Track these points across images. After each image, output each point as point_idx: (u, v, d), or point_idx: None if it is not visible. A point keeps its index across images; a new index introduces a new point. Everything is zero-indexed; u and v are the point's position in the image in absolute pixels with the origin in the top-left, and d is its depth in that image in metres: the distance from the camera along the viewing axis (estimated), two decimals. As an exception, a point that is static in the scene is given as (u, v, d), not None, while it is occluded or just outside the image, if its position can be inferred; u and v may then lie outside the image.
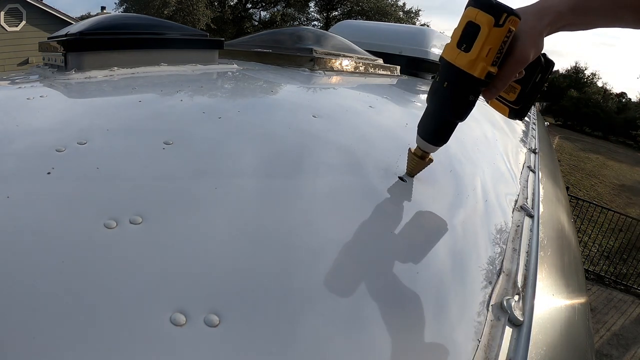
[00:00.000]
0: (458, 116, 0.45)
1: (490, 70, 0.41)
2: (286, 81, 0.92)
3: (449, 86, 0.43)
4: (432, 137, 0.47)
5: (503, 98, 0.51)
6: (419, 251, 0.38)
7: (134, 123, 0.48)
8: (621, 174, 12.05)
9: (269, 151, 0.46)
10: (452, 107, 0.44)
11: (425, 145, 0.47)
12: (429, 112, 0.46)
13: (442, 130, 0.46)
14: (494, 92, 0.43)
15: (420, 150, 0.48)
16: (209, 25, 14.48)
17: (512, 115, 0.51)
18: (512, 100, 0.50)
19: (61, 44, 0.71)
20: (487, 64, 0.40)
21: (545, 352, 0.35)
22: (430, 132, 0.47)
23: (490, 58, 0.40)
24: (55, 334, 0.22)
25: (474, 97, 0.43)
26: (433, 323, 0.31)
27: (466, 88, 0.42)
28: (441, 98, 0.44)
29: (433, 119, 0.46)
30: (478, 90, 0.42)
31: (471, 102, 0.43)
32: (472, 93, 0.42)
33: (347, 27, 2.20)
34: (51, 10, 7.76)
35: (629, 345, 3.85)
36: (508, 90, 0.49)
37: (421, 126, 0.47)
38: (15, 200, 0.31)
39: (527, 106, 0.50)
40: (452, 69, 0.42)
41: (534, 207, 0.61)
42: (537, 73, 0.48)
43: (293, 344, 0.25)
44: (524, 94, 0.49)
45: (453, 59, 0.41)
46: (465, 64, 0.40)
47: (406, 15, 18.21)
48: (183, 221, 0.32)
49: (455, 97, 0.43)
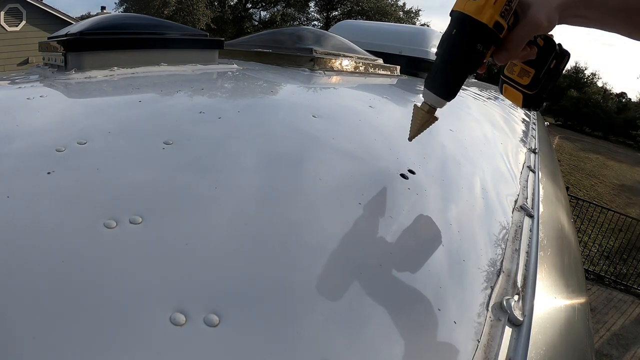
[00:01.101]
0: (466, 65, 0.44)
1: (498, 20, 0.41)
2: (286, 81, 0.92)
3: (457, 33, 0.42)
4: (440, 89, 0.45)
5: (516, 83, 0.50)
6: (419, 251, 0.38)
7: (134, 123, 0.48)
8: (621, 174, 12.05)
9: (269, 151, 0.46)
10: (460, 55, 0.43)
11: (433, 98, 0.46)
12: (438, 62, 0.45)
13: (450, 81, 0.45)
14: (505, 54, 0.43)
15: (427, 105, 0.47)
16: (209, 25, 14.48)
17: (526, 102, 0.51)
18: (526, 84, 0.49)
19: (61, 44, 0.71)
20: (496, 12, 0.40)
21: (545, 352, 0.35)
22: (438, 83, 0.45)
23: (498, 7, 0.40)
24: (55, 333, 0.22)
25: (483, 48, 0.42)
26: (433, 323, 0.31)
27: (474, 35, 0.41)
28: (449, 46, 0.43)
29: (441, 69, 0.45)
30: (487, 40, 0.42)
31: (480, 53, 0.42)
32: (480, 41, 0.42)
33: (347, 27, 2.20)
34: (51, 10, 7.76)
35: (629, 345, 3.85)
36: (522, 74, 0.49)
37: (429, 79, 0.46)
38: (15, 200, 0.31)
39: (542, 94, 0.50)
40: (460, 16, 0.42)
41: (534, 207, 0.61)
42: (552, 59, 0.47)
43: (293, 344, 0.25)
44: (537, 78, 0.48)
45: (462, 7, 0.41)
46: (473, 10, 0.40)
47: (406, 15, 18.22)
48: (183, 221, 0.32)
49: (464, 43, 0.42)
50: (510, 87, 0.52)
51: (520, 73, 0.50)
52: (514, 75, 0.50)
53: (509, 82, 0.52)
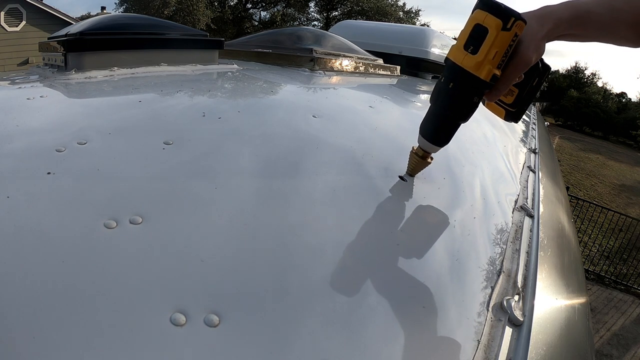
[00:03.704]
0: (461, 117, 0.45)
1: (495, 73, 0.41)
2: (286, 81, 0.92)
3: (454, 87, 0.43)
4: (435, 137, 0.47)
5: (501, 101, 0.51)
6: (420, 251, 0.38)
7: (134, 123, 0.48)
8: (621, 174, 12.05)
9: (269, 151, 0.46)
10: (456, 108, 0.44)
11: (427, 145, 0.48)
12: (432, 112, 0.47)
13: (444, 130, 0.46)
14: (495, 94, 0.44)
15: (422, 150, 0.48)
16: (209, 25, 14.48)
17: (508, 117, 0.52)
18: (510, 103, 0.51)
19: (61, 44, 0.71)
20: (493, 66, 0.41)
21: (545, 352, 0.35)
22: (433, 132, 0.47)
23: (496, 61, 0.41)
24: (55, 333, 0.22)
25: (478, 99, 0.44)
26: (433, 323, 0.31)
27: (471, 90, 0.42)
28: (445, 98, 0.44)
29: (436, 119, 0.46)
30: (482, 92, 0.43)
31: (475, 104, 0.44)
32: (476, 95, 0.43)
33: (347, 27, 2.20)
34: (51, 10, 7.76)
35: (629, 345, 3.85)
36: (506, 94, 0.50)
37: (423, 126, 0.48)
38: (16, 200, 0.31)
39: (523, 109, 0.51)
40: (458, 70, 0.42)
41: (534, 207, 0.61)
42: (535, 77, 0.48)
43: (293, 344, 0.25)
44: (521, 97, 0.50)
45: (460, 61, 0.42)
46: (472, 66, 0.41)
47: (406, 15, 18.22)
48: (183, 221, 0.32)
49: (460, 98, 0.43)
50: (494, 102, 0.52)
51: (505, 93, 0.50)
52: None
53: None
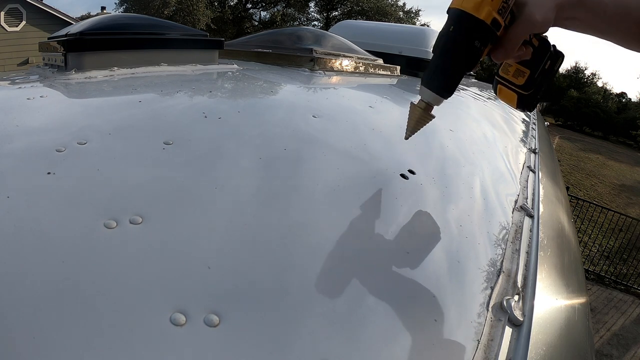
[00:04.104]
0: (464, 62, 0.43)
1: (496, 17, 0.40)
2: (286, 81, 0.92)
3: (454, 30, 0.42)
4: (438, 86, 0.45)
5: (511, 83, 0.50)
6: (419, 251, 0.38)
7: (134, 123, 0.48)
8: (621, 174, 12.05)
9: (269, 151, 0.46)
10: (457, 51, 0.43)
11: (430, 96, 0.45)
12: (435, 60, 0.45)
13: (447, 79, 0.45)
14: (501, 52, 0.43)
15: (424, 102, 0.46)
16: (209, 25, 14.49)
17: (521, 103, 0.50)
18: (521, 84, 0.49)
19: (61, 44, 0.71)
20: (493, 9, 0.40)
21: (545, 352, 0.35)
22: (436, 81, 0.45)
23: (496, 4, 0.40)
24: (55, 333, 0.22)
25: (480, 45, 0.42)
26: (433, 323, 0.31)
27: (472, 31, 0.41)
28: (447, 43, 0.43)
29: (439, 67, 0.45)
30: (484, 37, 0.42)
31: (477, 50, 0.42)
32: (478, 38, 0.42)
33: (347, 27, 2.20)
34: (51, 10, 7.76)
35: (629, 345, 3.85)
36: (517, 74, 0.49)
37: (426, 76, 0.46)
38: (16, 200, 0.31)
39: (536, 95, 0.49)
40: (458, 13, 0.41)
41: (534, 207, 0.61)
42: (547, 59, 0.47)
43: (293, 344, 0.25)
44: (533, 79, 0.48)
45: (459, 4, 0.41)
46: (471, 6, 0.40)
47: (406, 15, 18.23)
48: (183, 221, 0.32)
49: (461, 40, 0.42)
50: (505, 87, 0.51)
51: (515, 73, 0.50)
52: (509, 75, 0.50)
53: (504, 83, 0.51)
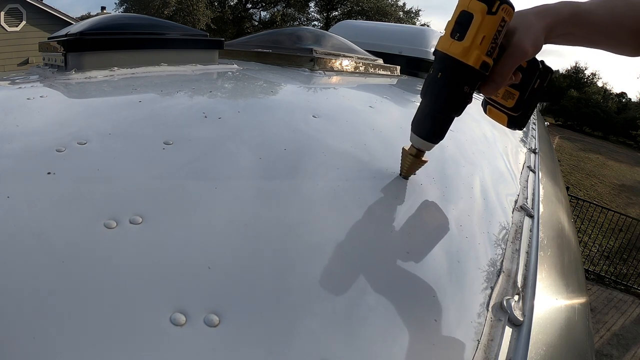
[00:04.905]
0: (453, 108, 0.43)
1: (485, 60, 0.39)
2: (286, 81, 0.92)
3: (442, 76, 0.41)
4: (427, 133, 0.44)
5: (501, 105, 0.49)
6: (419, 251, 0.38)
7: (134, 123, 0.48)
8: (621, 174, 12.05)
9: (269, 151, 0.46)
10: (446, 99, 0.42)
11: (419, 142, 0.45)
12: (423, 106, 0.44)
13: (437, 125, 0.44)
14: (492, 86, 0.42)
15: (415, 148, 0.46)
16: (209, 25, 14.49)
17: (511, 124, 0.50)
18: (511, 107, 0.48)
19: (61, 44, 0.71)
20: (482, 52, 0.39)
21: (545, 352, 0.35)
22: (425, 128, 0.44)
23: (484, 47, 0.39)
24: (55, 333, 0.22)
25: (470, 89, 0.41)
26: (433, 323, 0.31)
27: (461, 78, 0.40)
28: (435, 89, 0.42)
29: (428, 114, 0.44)
30: (474, 81, 0.41)
31: (467, 95, 0.42)
32: (467, 84, 0.41)
33: (347, 27, 2.20)
34: (51, 10, 7.76)
35: (629, 345, 3.85)
36: (506, 97, 0.48)
37: (415, 122, 0.45)
38: (16, 200, 0.31)
39: (526, 114, 0.49)
40: (445, 58, 0.40)
41: (534, 207, 0.61)
42: (536, 78, 0.46)
43: (293, 344, 0.25)
44: (522, 100, 0.48)
45: (446, 49, 0.40)
46: (459, 52, 0.39)
47: (406, 15, 18.23)
48: (183, 221, 0.32)
49: (450, 87, 0.41)
50: (494, 108, 0.50)
51: (504, 95, 0.48)
52: (498, 98, 0.49)
53: (493, 104, 0.50)
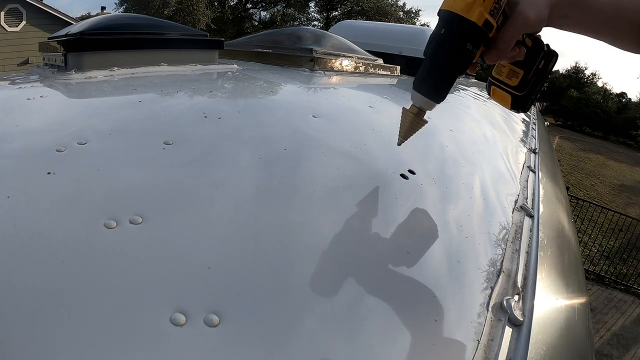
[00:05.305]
0: (456, 65, 0.42)
1: (487, 19, 0.40)
2: (286, 81, 0.92)
3: (445, 32, 0.41)
4: (428, 90, 0.44)
5: (505, 84, 0.50)
6: (419, 251, 0.38)
7: (134, 123, 0.48)
8: (621, 174, 12.06)
9: (269, 151, 0.46)
10: (449, 54, 0.42)
11: (421, 100, 0.44)
12: (426, 62, 0.44)
13: (438, 82, 0.44)
14: (495, 53, 0.43)
15: (416, 107, 0.45)
16: (209, 25, 14.49)
17: (515, 104, 0.50)
18: (514, 85, 0.49)
19: (61, 44, 0.71)
20: (485, 10, 0.39)
21: (545, 352, 0.35)
22: (427, 85, 0.44)
23: (487, 5, 0.39)
24: (54, 333, 0.22)
25: (472, 47, 0.41)
26: (433, 323, 0.31)
27: (463, 34, 0.40)
28: (438, 46, 0.42)
29: (430, 70, 0.44)
30: (476, 39, 0.41)
31: (469, 52, 0.41)
32: (469, 41, 0.41)
33: (347, 27, 2.20)
34: (51, 10, 7.76)
35: (629, 345, 3.85)
36: (510, 75, 0.49)
37: (417, 80, 0.45)
38: (15, 200, 0.31)
39: (530, 95, 0.49)
40: (449, 15, 0.41)
41: (534, 207, 0.61)
42: (540, 59, 0.47)
43: (293, 344, 0.25)
44: (526, 79, 0.48)
45: (450, 6, 0.40)
46: (462, 8, 0.39)
47: (406, 15, 18.24)
48: (183, 221, 0.32)
49: (453, 43, 0.41)
50: (498, 88, 0.51)
51: (508, 74, 0.49)
52: (502, 76, 0.49)
53: (497, 84, 0.51)
